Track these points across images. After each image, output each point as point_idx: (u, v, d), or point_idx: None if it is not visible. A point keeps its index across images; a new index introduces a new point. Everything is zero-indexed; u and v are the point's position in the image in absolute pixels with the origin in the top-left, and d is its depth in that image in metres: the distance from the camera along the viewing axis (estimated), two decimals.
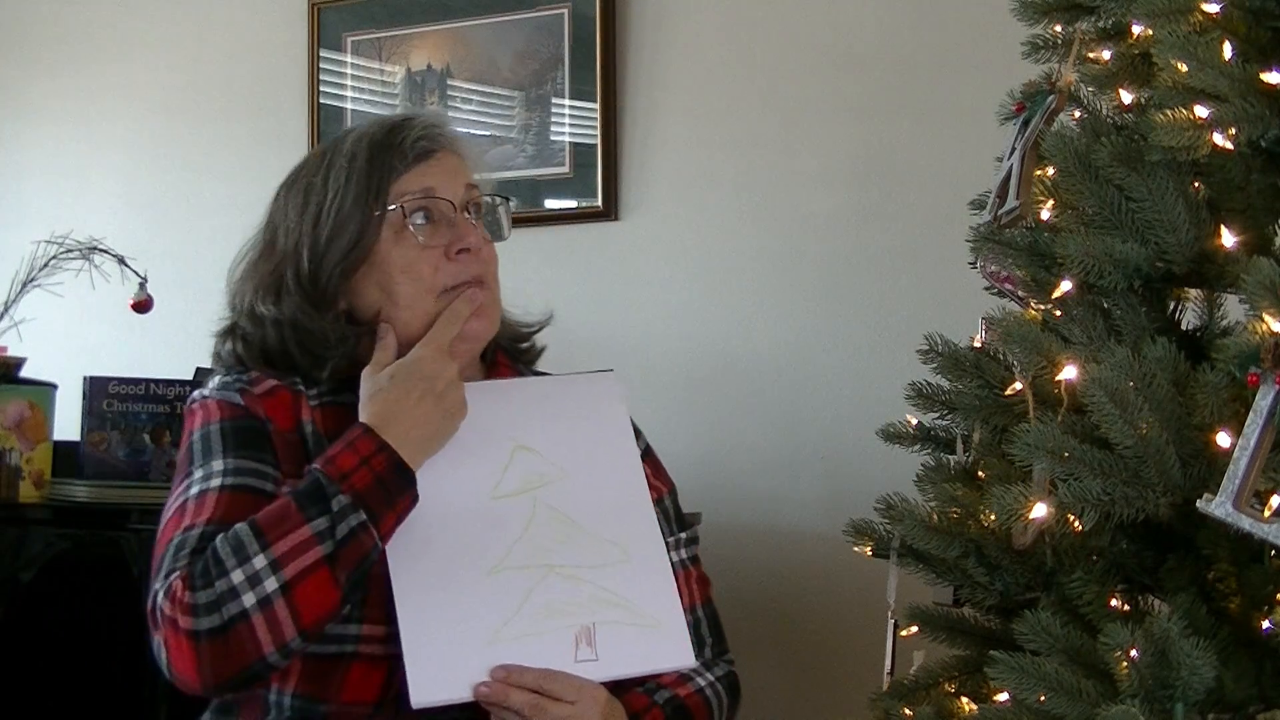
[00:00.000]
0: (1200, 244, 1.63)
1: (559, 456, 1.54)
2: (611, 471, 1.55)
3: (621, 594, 1.47)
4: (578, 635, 1.44)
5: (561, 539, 1.49)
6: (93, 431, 2.69)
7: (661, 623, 1.47)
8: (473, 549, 1.50)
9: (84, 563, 2.59)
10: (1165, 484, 1.52)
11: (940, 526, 1.77)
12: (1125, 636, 1.46)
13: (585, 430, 1.57)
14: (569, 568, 1.48)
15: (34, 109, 3.90)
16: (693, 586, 1.68)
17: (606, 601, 1.46)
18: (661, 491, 1.70)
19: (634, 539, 1.52)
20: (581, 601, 1.46)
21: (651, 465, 1.71)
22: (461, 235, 1.59)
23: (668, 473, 1.76)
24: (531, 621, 1.45)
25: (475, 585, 1.47)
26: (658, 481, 1.70)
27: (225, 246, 3.82)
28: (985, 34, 2.72)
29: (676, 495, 1.76)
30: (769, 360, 2.96)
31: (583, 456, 1.55)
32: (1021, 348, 1.73)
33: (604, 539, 1.50)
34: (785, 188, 2.97)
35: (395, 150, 1.60)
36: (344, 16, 3.44)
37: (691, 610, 1.64)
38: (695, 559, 1.72)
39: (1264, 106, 1.56)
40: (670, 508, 1.72)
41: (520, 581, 1.47)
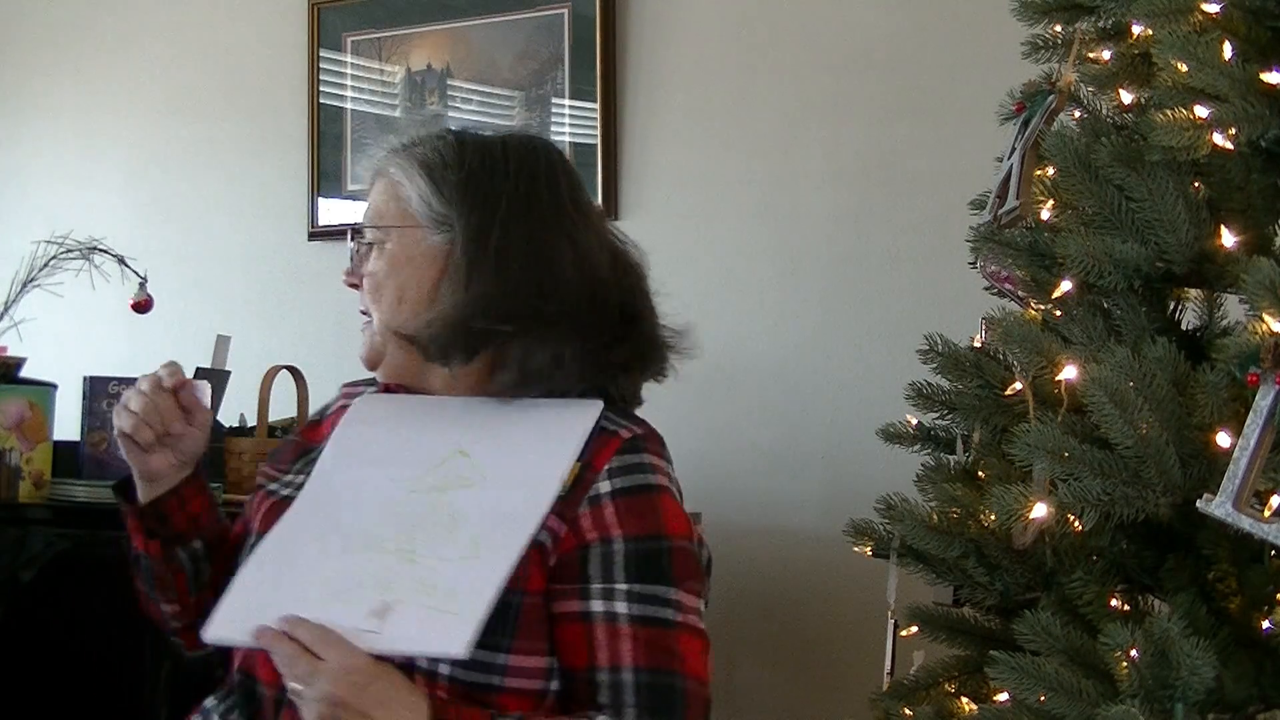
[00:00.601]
0: (1200, 244, 1.63)
1: (489, 466, 1.54)
2: (521, 488, 1.52)
3: (445, 584, 1.44)
4: (376, 609, 1.43)
5: (433, 532, 1.50)
6: (93, 431, 2.69)
7: (455, 611, 1.42)
8: (353, 527, 1.52)
9: (84, 563, 2.59)
10: (1165, 484, 1.52)
11: (940, 526, 1.77)
12: (1125, 636, 1.46)
13: (526, 446, 1.55)
14: (413, 552, 1.48)
15: (34, 109, 3.90)
16: (619, 646, 1.47)
17: (425, 587, 1.44)
18: (610, 536, 1.50)
19: (496, 545, 1.47)
20: (402, 582, 1.45)
21: (621, 510, 1.52)
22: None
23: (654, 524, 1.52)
24: (343, 589, 1.46)
25: (326, 554, 1.51)
26: (614, 527, 1.50)
27: (226, 247, 3.84)
28: (986, 34, 2.72)
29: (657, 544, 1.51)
30: (769, 360, 2.96)
31: (507, 469, 1.53)
32: (1021, 348, 1.73)
33: (470, 538, 1.49)
34: (786, 188, 2.97)
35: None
36: (344, 16, 3.44)
37: (611, 671, 1.46)
38: (652, 620, 1.48)
39: (1264, 106, 1.56)
40: (619, 555, 1.50)
41: (368, 561, 1.48)
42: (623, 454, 1.55)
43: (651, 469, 1.56)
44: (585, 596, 1.49)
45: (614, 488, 1.53)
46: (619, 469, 1.54)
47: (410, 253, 1.63)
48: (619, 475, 1.54)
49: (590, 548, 1.50)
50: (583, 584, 1.49)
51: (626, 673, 1.46)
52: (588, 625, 1.48)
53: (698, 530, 1.59)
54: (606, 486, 1.53)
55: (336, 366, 3.26)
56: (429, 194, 1.62)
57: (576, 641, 1.48)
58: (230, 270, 3.56)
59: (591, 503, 1.52)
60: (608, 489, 1.53)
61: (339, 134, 3.43)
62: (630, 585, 1.49)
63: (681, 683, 1.47)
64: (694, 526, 1.58)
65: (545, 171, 1.65)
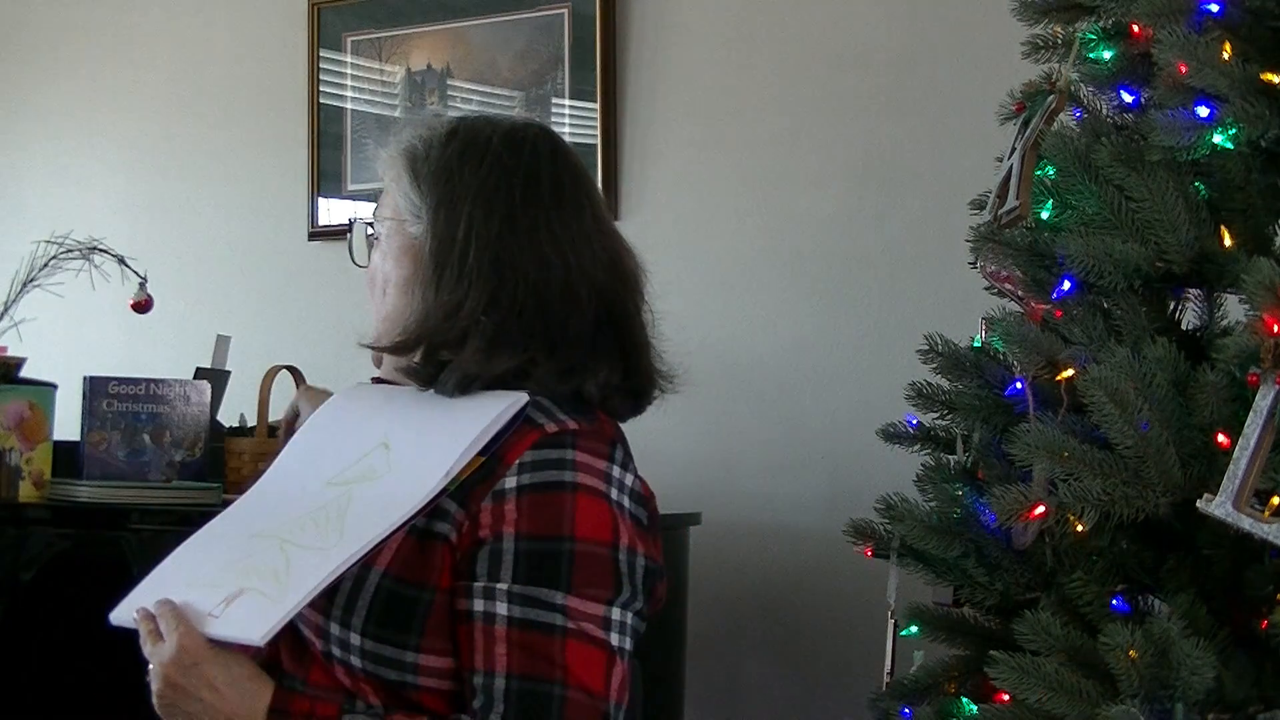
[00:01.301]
0: (1200, 244, 1.63)
1: (398, 458, 1.51)
2: (409, 479, 1.46)
3: (290, 572, 1.44)
4: (230, 595, 1.44)
5: (319, 525, 1.50)
6: (93, 431, 2.69)
7: (277, 600, 1.41)
8: (261, 517, 1.54)
9: (84, 563, 2.59)
10: (1165, 484, 1.52)
11: (940, 526, 1.77)
12: (1125, 636, 1.46)
13: (436, 440, 1.49)
14: (288, 542, 1.48)
15: (34, 109, 3.90)
16: (494, 649, 1.39)
17: (275, 574, 1.45)
18: (503, 533, 1.42)
19: (355, 535, 1.44)
20: (263, 570, 1.46)
21: (526, 507, 1.43)
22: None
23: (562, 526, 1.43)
24: (215, 573, 1.49)
25: (229, 543, 1.53)
26: (512, 524, 1.42)
27: (226, 247, 3.83)
28: (985, 34, 2.72)
29: (555, 545, 1.42)
30: (769, 360, 2.96)
31: (410, 462, 1.49)
32: (1021, 348, 1.73)
33: (339, 529, 1.46)
34: (786, 188, 2.97)
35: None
36: (344, 16, 3.44)
37: (485, 675, 1.38)
38: (535, 625, 1.39)
39: (1264, 106, 1.56)
40: (509, 554, 1.41)
41: (250, 548, 1.50)
42: (540, 448, 1.45)
43: (573, 466, 1.45)
44: (469, 595, 1.41)
45: (520, 484, 1.44)
46: (530, 464, 1.44)
47: (392, 244, 1.60)
48: (529, 471, 1.44)
49: (482, 544, 1.42)
50: (469, 581, 1.42)
51: (499, 678, 1.39)
52: (468, 626, 1.41)
53: (631, 538, 1.46)
54: (513, 482, 1.43)
55: (336, 366, 3.27)
56: (407, 184, 1.58)
57: (463, 642, 1.41)
58: (230, 270, 3.56)
59: (495, 497, 1.43)
60: (513, 484, 1.44)
61: (339, 134, 3.43)
62: (512, 586, 1.41)
63: (561, 692, 1.38)
64: (628, 533, 1.46)
65: (526, 163, 1.54)
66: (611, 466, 1.47)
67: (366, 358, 1.81)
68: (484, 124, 1.60)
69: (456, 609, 1.42)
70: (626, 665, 1.44)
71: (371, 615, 1.42)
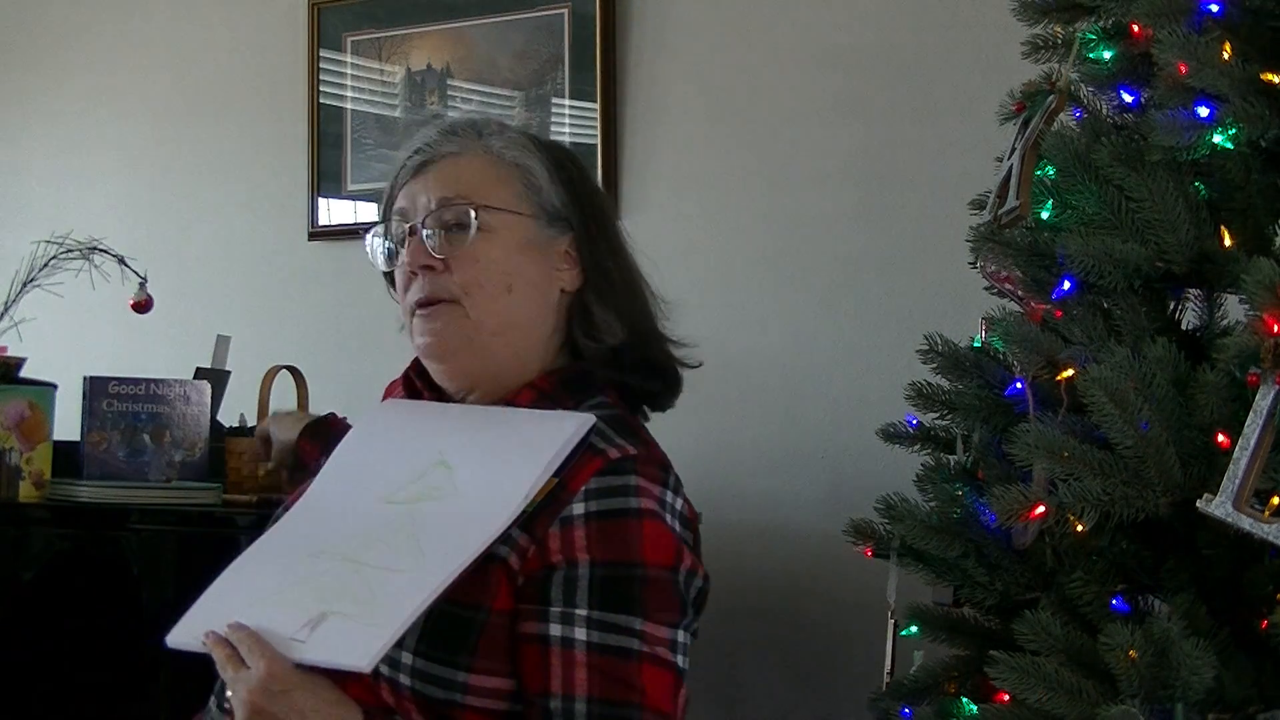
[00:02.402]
0: (1200, 244, 1.63)
1: (463, 478, 1.50)
2: (484, 503, 1.47)
3: (372, 594, 1.42)
4: (312, 619, 1.41)
5: (390, 544, 1.47)
6: (93, 431, 2.69)
7: (373, 625, 1.39)
8: (322, 535, 1.51)
9: (84, 563, 2.59)
10: (1165, 484, 1.52)
11: (940, 526, 1.77)
12: (1125, 636, 1.46)
13: (504, 460, 1.50)
14: (362, 563, 1.46)
15: (34, 109, 3.90)
16: (574, 674, 1.41)
17: (353, 596, 1.42)
18: (576, 560, 1.44)
19: (438, 554, 1.43)
20: (340, 592, 1.43)
21: (593, 534, 1.45)
22: (408, 256, 1.57)
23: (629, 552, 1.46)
24: (287, 596, 1.45)
25: (291, 561, 1.50)
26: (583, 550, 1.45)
27: (225, 246, 3.84)
28: (985, 34, 2.72)
29: (628, 572, 1.45)
30: (769, 360, 2.96)
31: (478, 483, 1.49)
32: (1021, 348, 1.73)
33: (418, 550, 1.45)
34: (785, 188, 2.97)
35: (395, 170, 1.63)
36: (344, 16, 3.44)
37: (564, 699, 1.41)
38: (612, 650, 1.42)
39: (1264, 106, 1.56)
40: (583, 580, 1.44)
41: (318, 568, 1.47)
42: (604, 475, 1.48)
43: (635, 492, 1.48)
44: (544, 619, 1.43)
45: (588, 510, 1.46)
46: (596, 491, 1.47)
47: (521, 239, 1.57)
48: (595, 498, 1.47)
49: (555, 570, 1.44)
50: (543, 605, 1.43)
51: (580, 702, 1.41)
52: (544, 649, 1.42)
53: (690, 561, 1.51)
54: (580, 509, 1.46)
55: (336, 366, 3.27)
56: (549, 183, 1.58)
57: (534, 665, 1.43)
58: (230, 270, 3.56)
59: (563, 524, 1.45)
60: (580, 511, 1.46)
61: (339, 134, 3.43)
62: (592, 612, 1.42)
63: (639, 715, 1.41)
64: (688, 556, 1.50)
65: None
66: (665, 491, 1.51)
67: (366, 358, 1.82)
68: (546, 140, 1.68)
69: (523, 632, 1.44)
70: (685, 685, 1.49)
71: (424, 634, 1.42)
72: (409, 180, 1.60)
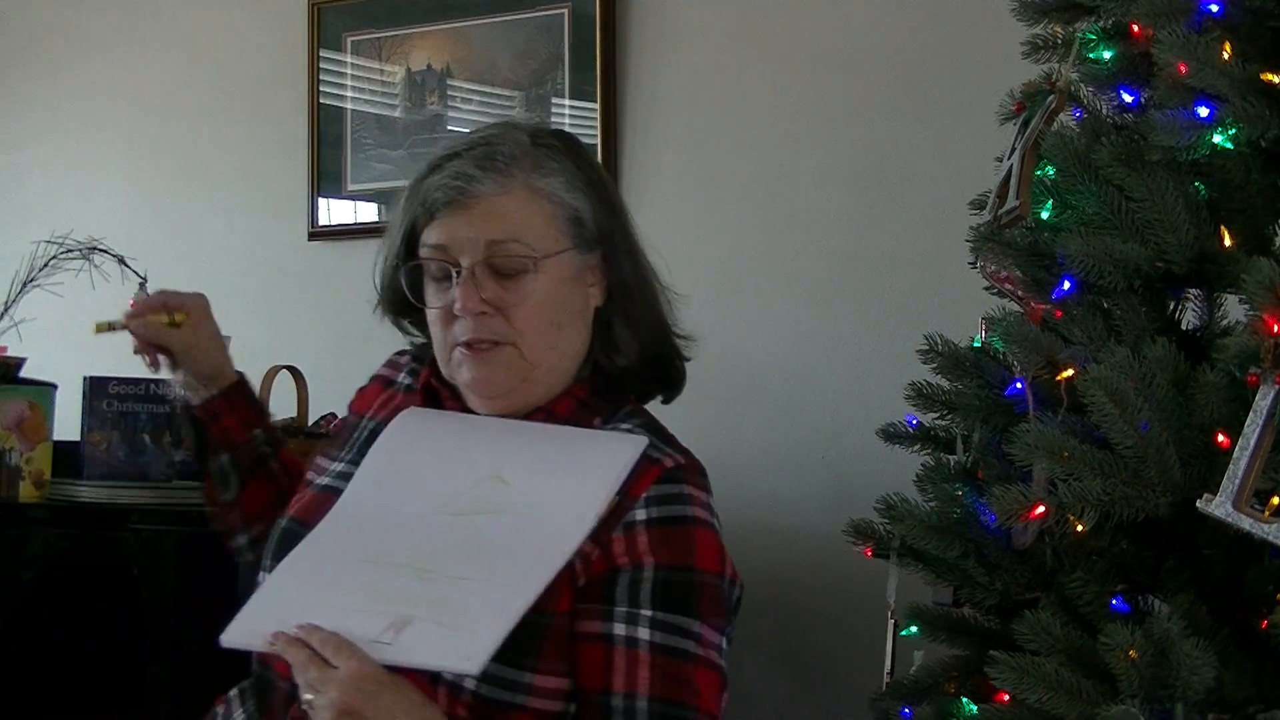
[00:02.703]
0: (1200, 244, 1.63)
1: (524, 493, 1.51)
2: (557, 516, 1.49)
3: (456, 602, 1.42)
4: (392, 622, 1.40)
5: (456, 555, 1.47)
6: (93, 431, 2.69)
7: (471, 631, 1.39)
8: (377, 543, 1.51)
9: (84, 563, 2.59)
10: (1165, 484, 1.52)
11: (940, 526, 1.77)
12: (1125, 636, 1.46)
13: (565, 477, 1.52)
14: (433, 572, 1.46)
15: (34, 109, 3.90)
16: (637, 672, 1.45)
17: (437, 604, 1.42)
18: (643, 563, 1.49)
19: (517, 567, 1.45)
20: (415, 598, 1.43)
21: (655, 539, 1.50)
22: (456, 295, 1.54)
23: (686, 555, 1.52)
24: (360, 600, 1.44)
25: (345, 567, 1.49)
26: (645, 554, 1.49)
27: (225, 246, 3.83)
28: (985, 34, 2.72)
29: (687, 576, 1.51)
30: (769, 360, 2.96)
31: (544, 498, 1.51)
32: (1021, 348, 1.73)
33: (492, 563, 1.46)
34: (785, 188, 2.97)
35: (423, 195, 1.56)
36: (344, 16, 3.44)
37: (626, 696, 1.44)
38: (672, 650, 1.47)
39: (1264, 106, 1.56)
40: (647, 583, 1.48)
41: (383, 575, 1.47)
42: (661, 484, 1.53)
43: (690, 500, 1.54)
44: (609, 619, 1.47)
45: (649, 516, 1.51)
46: (656, 498, 1.52)
47: (568, 274, 1.57)
48: (655, 505, 1.52)
49: (620, 571, 1.49)
50: (607, 605, 1.48)
51: (641, 700, 1.45)
52: (608, 648, 1.46)
53: (731, 568, 1.57)
54: (642, 515, 1.51)
55: (336, 366, 3.27)
56: (589, 211, 1.58)
57: (594, 663, 1.46)
58: (230, 270, 3.56)
59: (626, 528, 1.50)
60: (643, 517, 1.51)
61: (339, 134, 3.43)
62: (655, 613, 1.47)
63: (694, 715, 1.46)
64: (730, 564, 1.56)
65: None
66: (710, 499, 1.58)
67: (366, 358, 1.82)
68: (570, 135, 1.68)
69: (584, 630, 1.47)
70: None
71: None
72: (445, 213, 1.54)
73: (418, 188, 1.57)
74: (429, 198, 1.55)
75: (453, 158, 1.55)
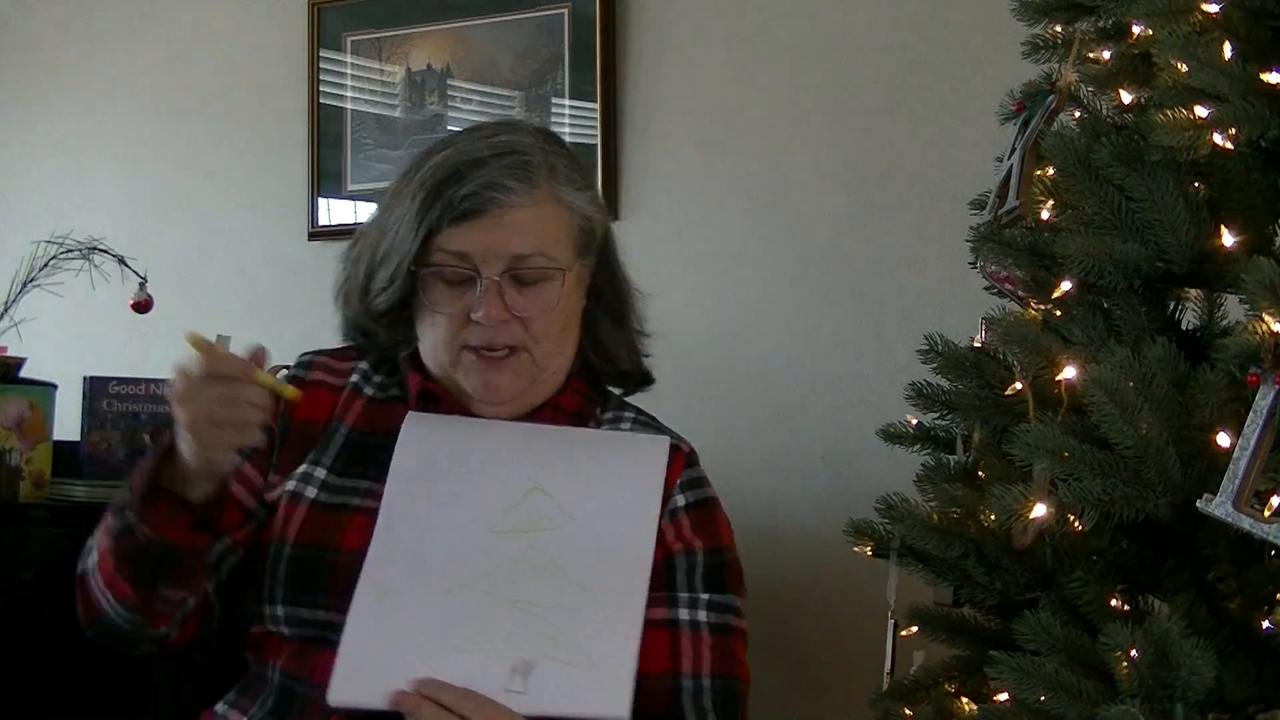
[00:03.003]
0: (1200, 244, 1.63)
1: (571, 505, 1.51)
2: (618, 527, 1.51)
3: (572, 636, 1.42)
4: (515, 666, 1.40)
5: (537, 580, 1.46)
6: (93, 431, 2.70)
7: (604, 669, 1.41)
8: (445, 565, 1.48)
9: None
10: (1165, 484, 1.52)
11: (940, 526, 1.77)
12: (1125, 636, 1.46)
13: (609, 485, 1.54)
14: (532, 604, 1.45)
15: (34, 108, 3.90)
16: (702, 652, 1.54)
17: (554, 640, 1.42)
18: (694, 548, 1.59)
19: (610, 590, 1.47)
20: (528, 635, 1.42)
21: (695, 520, 1.60)
22: (478, 304, 1.55)
23: (721, 536, 1.63)
24: (470, 641, 1.42)
25: (431, 601, 1.46)
26: (693, 537, 1.59)
27: (225, 246, 3.83)
28: (985, 34, 2.72)
29: (724, 559, 1.62)
30: (769, 360, 2.96)
31: (595, 509, 1.52)
32: (1021, 348, 1.73)
33: (578, 585, 1.46)
34: (785, 188, 2.97)
35: (444, 202, 1.54)
36: (344, 16, 3.44)
37: (694, 678, 1.53)
38: (723, 629, 1.57)
39: (1264, 106, 1.56)
40: (700, 566, 1.58)
41: (477, 606, 1.45)
42: (688, 468, 1.63)
43: (707, 482, 1.65)
44: (673, 605, 1.55)
45: (687, 501, 1.61)
46: (688, 483, 1.62)
47: (575, 281, 1.61)
48: (689, 489, 1.62)
49: (675, 557, 1.57)
50: (670, 592, 1.55)
51: (704, 679, 1.53)
52: (674, 633, 1.53)
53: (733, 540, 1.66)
54: (681, 500, 1.60)
55: None
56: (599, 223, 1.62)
57: (660, 648, 1.51)
58: (230, 270, 3.56)
59: (671, 515, 1.59)
60: (683, 502, 1.60)
61: (339, 134, 3.43)
62: (710, 595, 1.57)
63: (738, 685, 1.58)
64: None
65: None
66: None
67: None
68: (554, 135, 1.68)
69: (649, 619, 1.51)
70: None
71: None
72: (472, 221, 1.53)
73: (439, 192, 1.54)
74: (456, 204, 1.53)
75: (480, 165, 1.54)
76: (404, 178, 1.63)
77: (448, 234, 1.55)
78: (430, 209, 1.55)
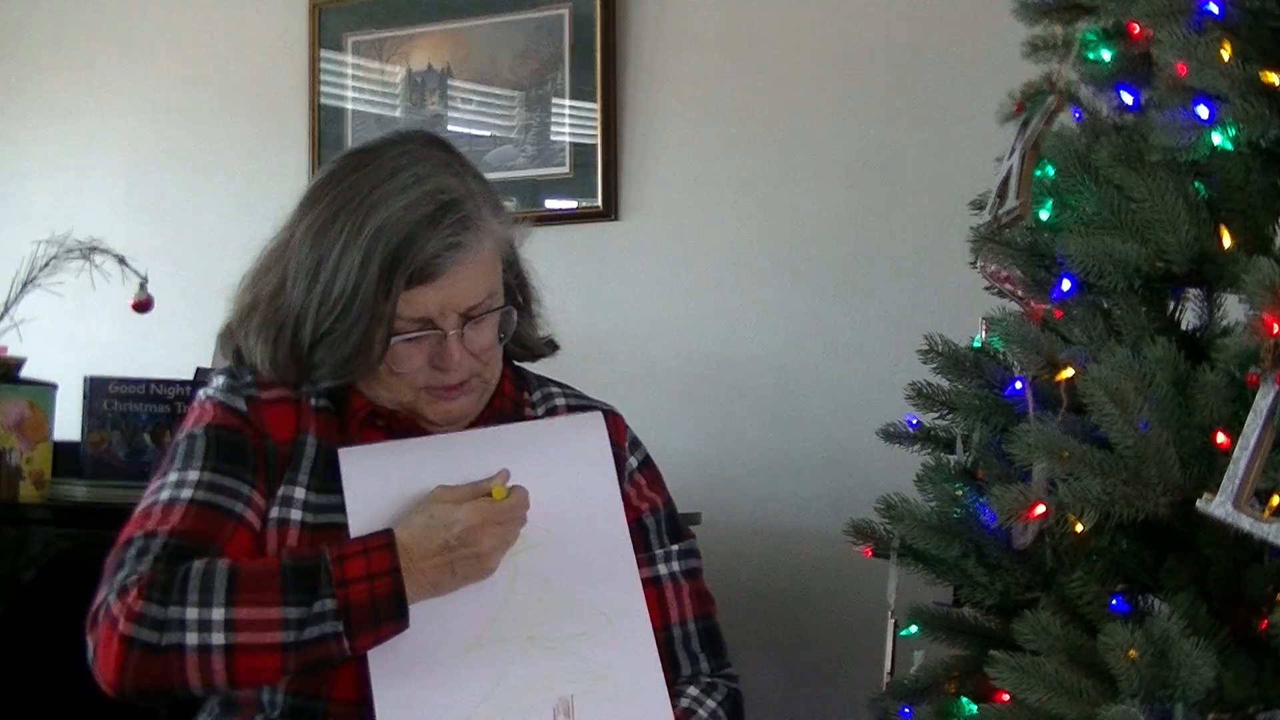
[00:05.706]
0: (1200, 244, 1.63)
1: (542, 516, 1.52)
2: (594, 529, 1.53)
3: (603, 664, 1.46)
4: (556, 708, 1.42)
5: (542, 607, 1.48)
6: (93, 431, 2.69)
7: (642, 692, 1.45)
8: (452, 623, 1.47)
9: (84, 563, 2.58)
10: (1165, 484, 1.52)
11: (940, 526, 1.77)
12: (1125, 636, 1.46)
13: (568, 484, 1.55)
14: (549, 638, 1.47)
15: (34, 108, 3.90)
16: (683, 600, 1.65)
17: (587, 673, 1.45)
18: (656, 504, 1.69)
19: (617, 604, 1.51)
20: (561, 673, 1.44)
21: (648, 478, 1.70)
22: (440, 356, 1.56)
23: (665, 485, 1.73)
24: (511, 697, 1.43)
25: (454, 663, 1.46)
26: (651, 493, 1.69)
27: (226, 246, 3.82)
28: (985, 34, 2.72)
29: (673, 507, 1.73)
30: (769, 360, 2.96)
31: (565, 515, 1.53)
32: (1021, 348, 1.73)
33: (586, 605, 1.49)
34: (785, 188, 2.97)
35: (407, 266, 1.52)
36: (344, 16, 3.44)
37: (681, 625, 1.64)
38: (692, 572, 1.69)
39: (1264, 106, 1.56)
40: (663, 520, 1.69)
41: (500, 656, 1.45)
42: (628, 429, 1.72)
43: (641, 441, 1.74)
44: (653, 563, 1.65)
45: (639, 461, 1.71)
46: (633, 443, 1.72)
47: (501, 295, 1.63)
48: (635, 449, 1.71)
49: (644, 517, 1.68)
50: (647, 552, 1.65)
51: (690, 624, 1.65)
52: (659, 588, 1.64)
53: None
54: (634, 461, 1.70)
55: None
56: (513, 230, 1.65)
57: (650, 605, 1.59)
58: (230, 270, 3.55)
59: (630, 477, 1.68)
60: (635, 464, 1.70)
61: (339, 134, 3.43)
62: (679, 544, 1.68)
63: (715, 620, 1.69)
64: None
65: None
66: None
67: None
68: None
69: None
70: None
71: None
72: (425, 284, 1.52)
73: (397, 258, 1.51)
74: (417, 271, 1.52)
75: (430, 223, 1.52)
76: (332, 230, 1.58)
77: (405, 297, 1.53)
78: (390, 277, 1.52)
